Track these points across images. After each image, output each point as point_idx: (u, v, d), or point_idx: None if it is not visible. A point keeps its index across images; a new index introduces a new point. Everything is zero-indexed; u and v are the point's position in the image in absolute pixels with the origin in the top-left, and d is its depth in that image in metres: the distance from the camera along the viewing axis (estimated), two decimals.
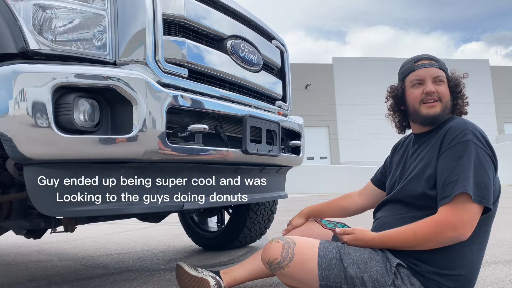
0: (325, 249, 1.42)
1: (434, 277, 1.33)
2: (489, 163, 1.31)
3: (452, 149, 1.31)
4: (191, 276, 1.75)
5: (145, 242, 3.78)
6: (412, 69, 1.49)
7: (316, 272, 1.38)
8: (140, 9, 1.63)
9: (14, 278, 2.43)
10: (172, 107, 1.61)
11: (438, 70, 1.46)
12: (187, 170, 1.82)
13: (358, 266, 1.35)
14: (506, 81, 26.29)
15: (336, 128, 24.03)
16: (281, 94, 2.61)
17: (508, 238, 3.01)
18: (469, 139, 1.30)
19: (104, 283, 2.17)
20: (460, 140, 1.31)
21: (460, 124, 1.36)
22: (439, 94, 1.43)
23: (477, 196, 1.25)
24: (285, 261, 1.43)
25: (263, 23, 2.46)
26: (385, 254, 1.38)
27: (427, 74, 1.45)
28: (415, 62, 1.49)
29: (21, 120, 1.33)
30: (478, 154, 1.29)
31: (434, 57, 1.50)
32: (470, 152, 1.29)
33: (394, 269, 1.34)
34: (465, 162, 1.28)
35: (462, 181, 1.26)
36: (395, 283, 1.33)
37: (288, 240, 1.47)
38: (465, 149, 1.29)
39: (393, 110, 1.60)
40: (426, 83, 1.45)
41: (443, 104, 1.44)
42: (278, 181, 2.63)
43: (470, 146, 1.29)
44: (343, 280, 1.35)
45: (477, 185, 1.26)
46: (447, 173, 1.30)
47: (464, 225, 1.26)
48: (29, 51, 1.42)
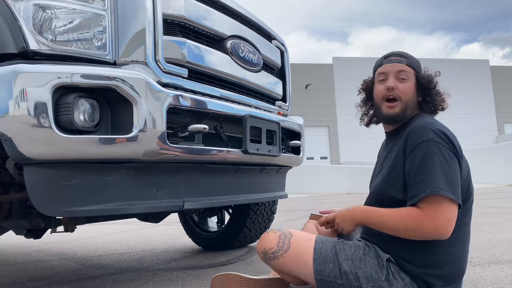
0: (321, 243, 1.43)
1: (420, 275, 1.34)
2: (453, 159, 1.29)
3: (416, 149, 1.31)
4: (257, 280, 1.61)
5: (145, 242, 3.78)
6: (380, 63, 1.50)
7: (311, 265, 1.39)
8: (140, 9, 1.63)
9: (14, 278, 2.43)
10: (172, 107, 1.61)
11: (404, 66, 1.44)
12: (187, 170, 1.82)
13: (353, 262, 1.37)
14: (506, 81, 26.27)
15: (336, 128, 24.03)
16: (281, 94, 2.61)
17: (508, 238, 3.01)
18: (429, 138, 1.29)
19: (104, 283, 2.17)
20: (422, 140, 1.30)
21: (421, 123, 1.35)
22: (399, 91, 1.42)
23: (449, 192, 1.24)
24: (280, 251, 1.44)
25: (263, 23, 2.46)
26: (375, 250, 1.39)
27: (390, 69, 1.45)
28: (385, 58, 1.49)
29: (21, 120, 1.33)
30: (441, 151, 1.28)
31: (405, 54, 1.49)
32: (433, 150, 1.28)
33: (386, 264, 1.35)
34: (429, 161, 1.27)
35: (431, 180, 1.25)
36: (388, 278, 1.34)
37: (285, 231, 1.48)
38: (428, 147, 1.28)
39: (365, 103, 1.60)
40: (388, 78, 1.44)
41: (402, 103, 1.42)
42: (278, 181, 2.63)
43: (432, 144, 1.28)
44: (337, 275, 1.36)
45: (446, 182, 1.25)
46: (413, 173, 1.30)
47: (444, 223, 1.25)
48: (29, 51, 1.42)
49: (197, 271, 2.34)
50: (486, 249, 2.58)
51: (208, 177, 1.96)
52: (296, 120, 2.63)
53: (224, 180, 2.10)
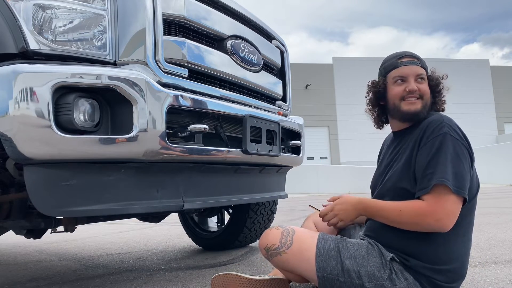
0: (324, 240, 1.44)
1: (424, 271, 1.35)
2: (465, 154, 1.33)
3: (430, 142, 1.34)
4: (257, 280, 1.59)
5: (145, 242, 3.78)
6: (395, 65, 1.50)
7: (314, 262, 1.39)
8: (140, 9, 1.63)
9: (14, 278, 2.43)
10: (172, 107, 1.61)
11: (420, 69, 1.48)
12: (187, 170, 1.82)
13: (356, 260, 1.37)
14: (506, 81, 26.27)
15: (336, 128, 24.03)
16: (281, 94, 2.61)
17: (508, 238, 3.01)
18: (445, 132, 1.33)
19: (104, 283, 2.17)
20: (437, 134, 1.34)
21: (437, 118, 1.39)
22: (421, 92, 1.46)
23: (455, 187, 1.28)
24: (283, 247, 1.44)
25: (263, 23, 2.46)
26: (379, 249, 1.39)
27: (410, 72, 1.47)
28: (399, 59, 1.50)
29: (21, 120, 1.33)
30: (455, 146, 1.32)
31: (416, 55, 1.52)
32: (447, 144, 1.32)
33: (389, 263, 1.36)
34: (442, 154, 1.31)
35: (440, 172, 1.29)
36: (391, 277, 1.34)
37: (288, 228, 1.50)
38: (441, 141, 1.32)
39: (373, 104, 1.61)
40: (408, 80, 1.47)
41: (423, 102, 1.46)
42: (278, 181, 2.63)
43: (447, 138, 1.32)
44: (340, 273, 1.36)
45: (455, 176, 1.28)
46: (425, 165, 1.33)
47: (447, 215, 1.28)
48: (29, 51, 1.42)
49: (197, 271, 2.34)
50: (486, 249, 2.58)
51: (208, 177, 1.96)
52: (296, 120, 2.63)
53: (224, 180, 2.10)
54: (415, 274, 1.35)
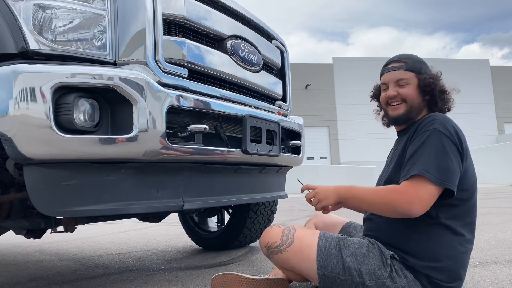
0: (325, 238, 1.45)
1: (423, 270, 1.35)
2: (453, 150, 1.33)
3: (419, 136, 1.37)
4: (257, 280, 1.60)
5: (145, 242, 3.78)
6: (382, 72, 1.58)
7: (315, 260, 1.40)
8: (140, 9, 1.63)
9: (14, 278, 2.43)
10: (172, 107, 1.61)
11: (401, 73, 1.49)
12: (187, 170, 1.82)
13: (357, 258, 1.38)
14: (506, 81, 26.28)
15: (336, 128, 24.04)
16: (281, 94, 2.61)
17: (508, 238, 3.01)
18: (434, 128, 1.35)
19: (104, 283, 2.17)
20: (427, 129, 1.37)
21: (431, 116, 1.42)
22: (401, 96, 1.49)
23: (437, 179, 1.29)
24: (284, 245, 1.45)
25: (263, 23, 2.46)
26: (379, 248, 1.40)
27: (390, 78, 1.52)
28: (385, 66, 1.57)
29: (21, 120, 1.33)
30: (442, 140, 1.33)
31: (404, 58, 1.53)
32: (434, 138, 1.34)
33: (390, 261, 1.36)
34: (427, 147, 1.33)
35: (422, 164, 1.31)
36: (391, 275, 1.35)
37: (289, 226, 1.51)
38: (429, 136, 1.35)
39: (379, 107, 1.67)
40: (389, 87, 1.52)
41: (407, 105, 1.49)
42: (278, 181, 2.63)
43: (435, 133, 1.34)
44: (340, 271, 1.37)
45: (438, 168, 1.29)
46: (409, 156, 1.37)
47: (419, 201, 1.29)
48: (29, 51, 1.42)
49: (197, 271, 2.34)
50: (486, 249, 2.58)
51: (208, 177, 1.96)
52: (296, 120, 2.63)
53: (224, 180, 2.10)
54: (414, 272, 1.37)
